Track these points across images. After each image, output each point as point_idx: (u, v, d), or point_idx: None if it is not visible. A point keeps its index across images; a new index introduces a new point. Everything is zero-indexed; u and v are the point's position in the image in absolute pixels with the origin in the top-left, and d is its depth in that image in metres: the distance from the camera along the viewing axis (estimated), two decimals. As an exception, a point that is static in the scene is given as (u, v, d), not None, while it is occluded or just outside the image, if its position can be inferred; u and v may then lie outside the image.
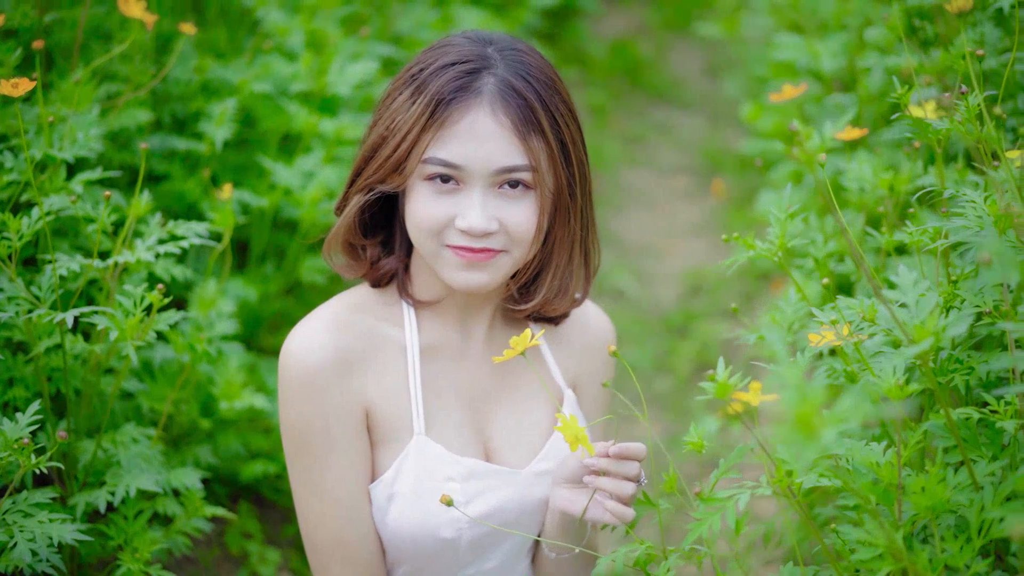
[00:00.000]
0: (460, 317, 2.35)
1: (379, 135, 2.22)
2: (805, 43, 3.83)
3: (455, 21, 4.75)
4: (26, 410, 2.26)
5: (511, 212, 2.17)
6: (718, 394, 1.87)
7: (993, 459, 1.90)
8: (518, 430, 2.38)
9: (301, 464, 2.27)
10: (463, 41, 2.23)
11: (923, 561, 1.75)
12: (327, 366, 2.22)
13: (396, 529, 2.28)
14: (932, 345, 1.68)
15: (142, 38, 3.20)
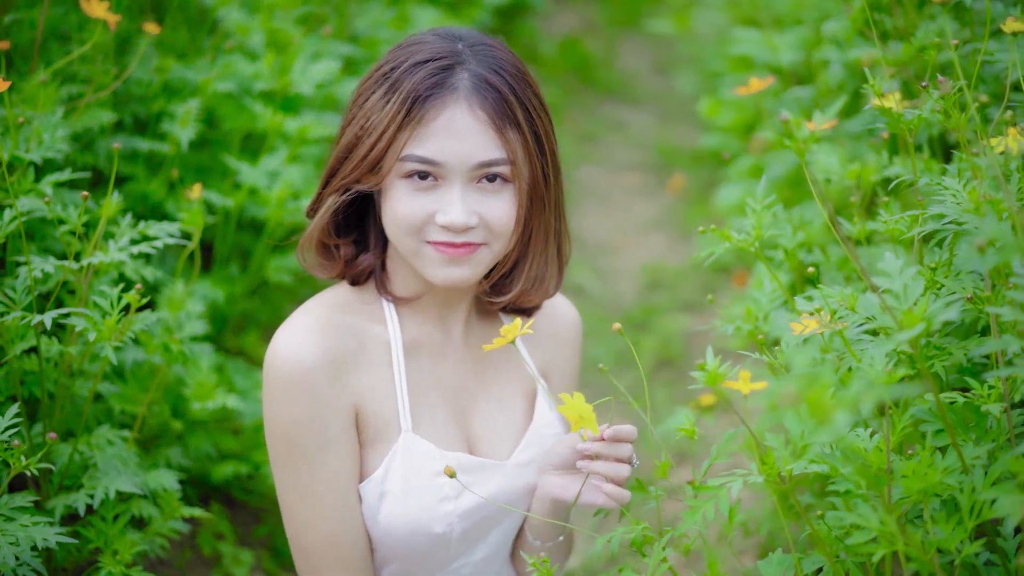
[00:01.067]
0: (439, 313, 2.36)
1: (353, 135, 2.22)
2: (764, 38, 3.86)
3: (411, 20, 4.74)
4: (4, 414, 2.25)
5: (491, 206, 2.18)
6: (708, 382, 1.88)
7: (977, 442, 1.92)
8: (498, 422, 2.40)
9: (291, 467, 2.25)
10: (433, 38, 2.23)
11: (916, 543, 1.77)
12: (319, 367, 2.21)
13: (388, 527, 2.27)
14: (923, 330, 1.70)
15: (104, 39, 3.17)
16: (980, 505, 1.78)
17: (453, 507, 2.28)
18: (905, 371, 1.81)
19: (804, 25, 4.01)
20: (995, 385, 1.93)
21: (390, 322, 2.31)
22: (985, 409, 1.91)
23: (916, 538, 1.78)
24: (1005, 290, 1.91)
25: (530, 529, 2.35)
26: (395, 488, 2.26)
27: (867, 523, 1.78)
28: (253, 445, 3.27)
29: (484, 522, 2.34)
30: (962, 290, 2.05)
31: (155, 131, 3.45)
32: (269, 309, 3.79)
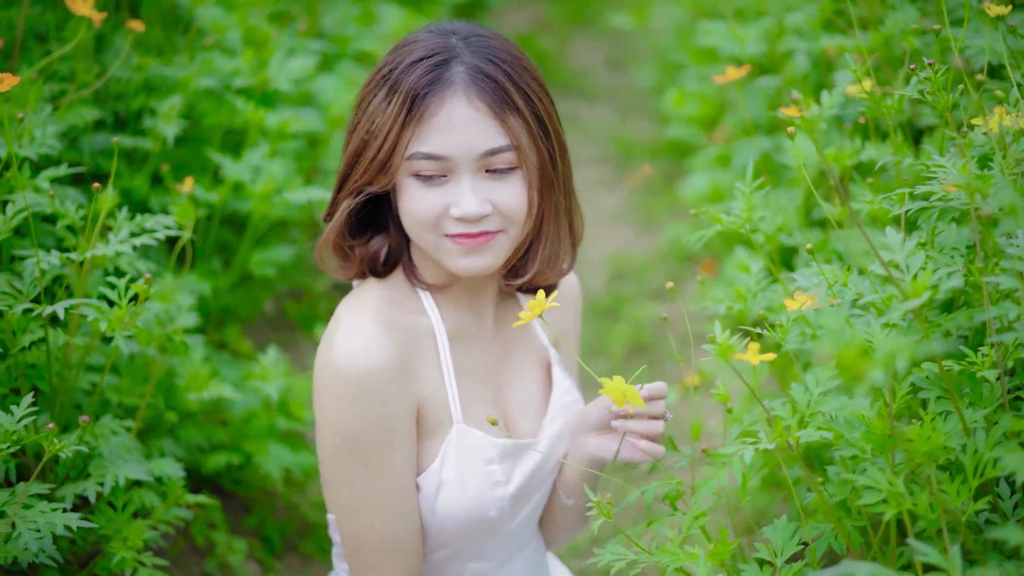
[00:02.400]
0: (470, 299, 2.39)
1: (360, 139, 2.25)
2: (730, 30, 3.95)
3: (376, 17, 4.80)
4: (20, 403, 2.30)
5: (501, 192, 2.22)
6: (719, 355, 1.96)
7: (973, 407, 2.01)
8: (524, 398, 2.45)
9: (354, 467, 2.25)
10: (427, 36, 2.26)
11: (923, 504, 1.86)
12: (388, 368, 2.23)
13: (445, 516, 2.31)
14: (929, 299, 1.79)
15: (87, 37, 3.20)
16: (983, 465, 1.87)
17: (504, 491, 2.34)
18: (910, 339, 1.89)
19: (767, 17, 4.10)
20: (988, 353, 2.02)
21: (431, 312, 2.34)
22: (981, 375, 2.00)
23: (923, 498, 1.86)
24: (1000, 260, 2.00)
25: (564, 490, 2.41)
26: (451, 478, 2.30)
27: (877, 484, 1.86)
28: (243, 436, 3.31)
29: (525, 498, 2.41)
30: (952, 263, 2.13)
31: (135, 128, 3.48)
32: (249, 303, 3.83)
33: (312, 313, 4.29)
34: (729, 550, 2.03)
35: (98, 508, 2.63)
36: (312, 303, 4.34)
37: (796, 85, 3.86)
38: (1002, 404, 2.00)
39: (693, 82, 4.73)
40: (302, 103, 3.95)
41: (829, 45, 3.57)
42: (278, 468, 3.25)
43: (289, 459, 3.28)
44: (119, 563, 2.54)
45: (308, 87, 3.91)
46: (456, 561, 2.41)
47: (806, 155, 3.19)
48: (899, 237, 1.93)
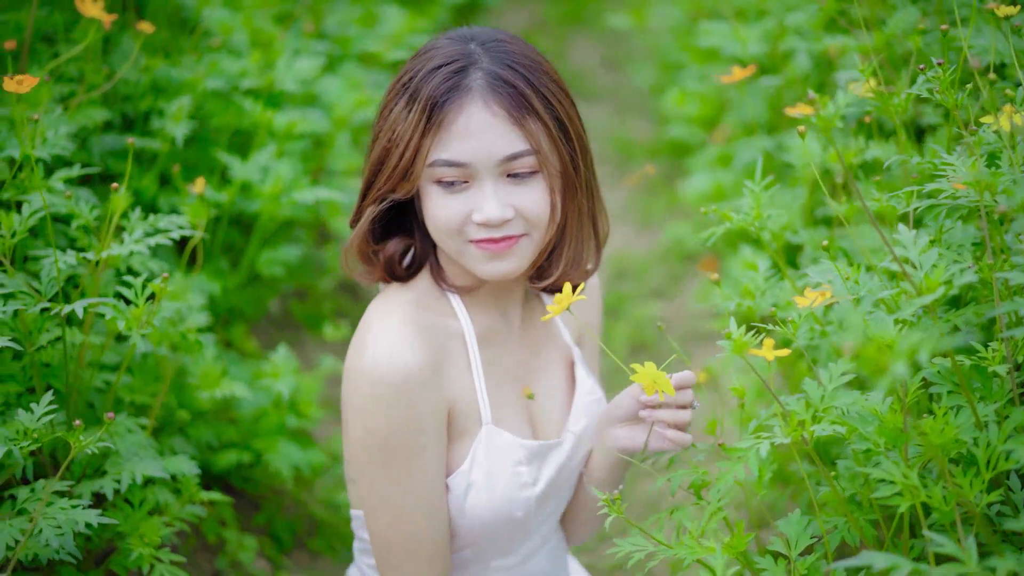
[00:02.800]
0: (497, 301, 2.41)
1: (383, 148, 2.27)
2: (732, 30, 3.98)
3: (377, 18, 4.82)
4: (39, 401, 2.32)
5: (523, 197, 2.23)
6: (734, 351, 1.99)
7: (984, 401, 2.04)
8: (549, 398, 2.47)
9: (386, 469, 2.28)
10: (446, 43, 2.28)
11: (937, 496, 1.89)
12: (422, 372, 2.24)
13: (473, 517, 2.34)
14: (943, 294, 1.82)
15: (97, 38, 3.22)
16: (996, 458, 1.90)
17: (531, 492, 2.36)
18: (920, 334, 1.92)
19: (768, 17, 4.13)
20: (998, 348, 2.05)
21: (461, 314, 2.36)
22: (992, 370, 2.03)
23: (937, 491, 1.89)
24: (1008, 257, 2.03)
25: (593, 483, 2.44)
26: (480, 479, 2.32)
27: (892, 477, 1.89)
28: (252, 434, 3.34)
29: (550, 498, 2.44)
30: (961, 259, 2.16)
31: (143, 129, 3.51)
32: (255, 303, 3.85)
33: (317, 312, 4.32)
34: (745, 543, 2.06)
35: (115, 505, 2.65)
36: (317, 303, 4.37)
37: (797, 85, 3.90)
38: (1012, 399, 2.03)
39: (693, 82, 4.76)
40: (306, 104, 3.98)
41: (831, 45, 3.61)
42: (288, 466, 3.27)
43: (299, 457, 3.31)
44: (137, 559, 2.56)
45: (313, 88, 3.94)
46: (480, 559, 2.44)
47: (811, 154, 3.22)
48: (912, 234, 1.97)
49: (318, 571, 3.51)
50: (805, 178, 3.33)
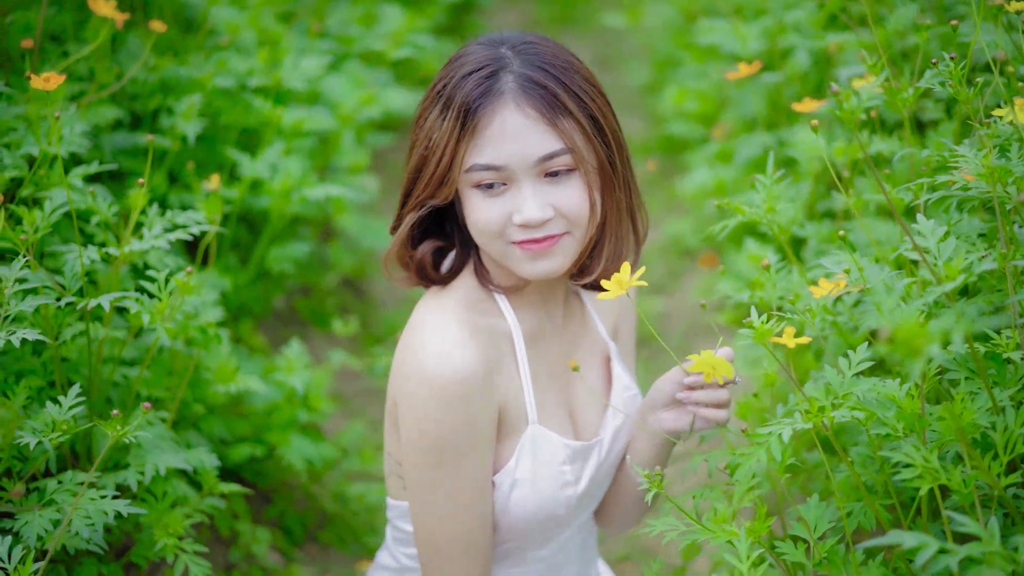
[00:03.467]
0: (541, 300, 2.43)
1: (420, 156, 2.29)
2: (733, 27, 4.03)
3: (377, 17, 4.86)
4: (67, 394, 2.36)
5: (562, 195, 2.25)
6: (756, 338, 2.04)
7: (998, 387, 2.09)
8: (588, 394, 2.50)
9: (439, 469, 2.30)
10: (477, 48, 2.29)
11: (957, 479, 1.94)
12: (480, 374, 2.27)
13: (517, 514, 2.37)
14: (963, 281, 1.87)
15: (107, 38, 3.25)
16: (1014, 441, 1.95)
17: (573, 491, 2.40)
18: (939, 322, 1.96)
19: (767, 15, 4.18)
20: (1012, 335, 2.10)
21: (508, 314, 2.38)
22: (1006, 356, 2.08)
23: (956, 474, 1.94)
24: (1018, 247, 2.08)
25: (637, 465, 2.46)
26: (525, 477, 2.35)
27: (912, 460, 1.94)
28: (264, 428, 3.37)
29: (590, 495, 2.48)
30: (974, 249, 2.21)
31: (152, 127, 3.54)
32: (262, 299, 3.89)
33: (322, 309, 4.36)
34: (767, 527, 2.11)
35: (137, 497, 2.69)
36: (321, 299, 4.41)
37: (797, 81, 3.95)
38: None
39: (691, 79, 4.81)
40: (311, 102, 4.02)
41: (832, 42, 3.66)
42: (301, 459, 3.31)
43: (311, 451, 3.34)
44: (161, 549, 2.60)
45: (317, 86, 3.98)
46: (520, 551, 2.48)
47: (817, 148, 3.28)
48: (931, 223, 2.02)
49: (329, 563, 3.55)
50: (809, 172, 3.38)
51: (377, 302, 4.79)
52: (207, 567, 2.61)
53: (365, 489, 3.71)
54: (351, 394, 4.21)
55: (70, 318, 2.68)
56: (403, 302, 4.83)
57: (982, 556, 1.74)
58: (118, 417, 2.20)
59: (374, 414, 4.18)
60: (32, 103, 3.00)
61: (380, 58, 4.62)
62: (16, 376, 2.67)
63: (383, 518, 3.75)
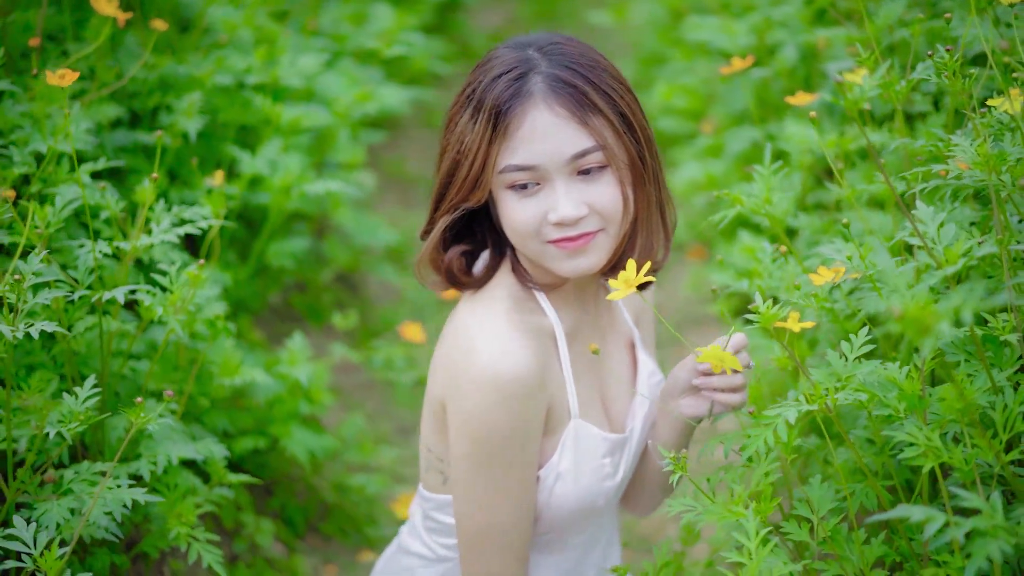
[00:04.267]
0: (578, 296, 2.46)
1: (452, 160, 2.33)
2: (723, 24, 4.10)
3: (367, 16, 4.91)
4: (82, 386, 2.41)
5: (595, 193, 2.28)
6: (763, 323, 2.10)
7: (996, 368, 2.16)
8: (617, 381, 2.55)
9: (491, 466, 2.34)
10: (504, 52, 2.33)
11: (958, 456, 2.00)
12: (532, 373, 2.30)
13: (559, 506, 2.42)
14: (964, 265, 1.94)
15: (108, 36, 3.29)
16: (1013, 420, 2.01)
17: (611, 483, 2.45)
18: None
19: (755, 12, 4.24)
20: (1009, 319, 2.17)
21: (549, 312, 2.41)
22: (1003, 339, 2.14)
23: (957, 452, 2.01)
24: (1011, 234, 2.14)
25: (659, 451, 2.49)
26: (567, 471, 2.40)
27: (915, 439, 2.00)
28: (266, 421, 3.42)
29: (624, 484, 2.54)
30: (970, 235, 2.27)
31: (151, 125, 3.58)
32: (259, 295, 3.94)
33: (317, 304, 4.41)
34: (772, 507, 2.17)
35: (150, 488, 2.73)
36: (316, 295, 4.46)
37: (785, 77, 4.02)
38: (1022, 366, 2.15)
39: (679, 76, 4.87)
40: (306, 99, 4.06)
41: (821, 37, 3.73)
42: (304, 451, 3.36)
43: (314, 442, 3.39)
44: (176, 537, 2.64)
45: (314, 84, 4.02)
46: (560, 539, 2.53)
47: (806, 141, 3.34)
48: (931, 210, 2.08)
49: (331, 553, 3.60)
50: (801, 164, 3.44)
51: (371, 298, 4.85)
52: (219, 554, 2.66)
53: (365, 480, 3.76)
54: (347, 387, 4.26)
55: (80, 312, 2.72)
56: (397, 298, 4.88)
57: (987, 529, 1.81)
58: (140, 405, 2.24)
59: (371, 407, 4.24)
60: (37, 101, 3.04)
61: (372, 56, 4.67)
62: (27, 369, 2.72)
63: (383, 509, 3.80)
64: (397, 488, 3.90)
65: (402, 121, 5.81)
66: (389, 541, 3.58)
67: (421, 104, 5.77)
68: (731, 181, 4.10)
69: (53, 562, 2.15)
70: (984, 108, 2.31)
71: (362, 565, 3.60)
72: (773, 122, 4.08)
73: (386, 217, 5.06)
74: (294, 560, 3.44)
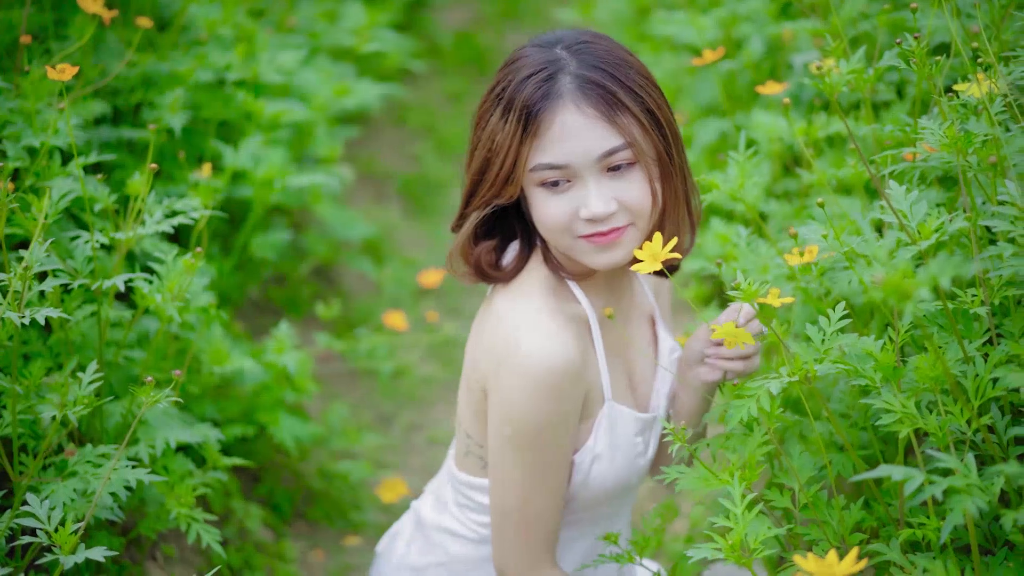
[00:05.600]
0: (609, 282, 2.53)
1: (483, 158, 2.39)
2: (690, 18, 4.20)
3: (339, 14, 4.99)
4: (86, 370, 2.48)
5: (625, 189, 2.35)
6: (745, 298, 2.20)
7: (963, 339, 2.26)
8: (642, 356, 2.62)
9: (529, 452, 2.41)
10: (533, 51, 2.39)
11: (932, 423, 2.11)
12: (574, 364, 2.37)
13: (596, 487, 2.50)
14: (937, 239, 2.04)
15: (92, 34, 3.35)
16: (983, 387, 2.12)
17: (644, 461, 2.55)
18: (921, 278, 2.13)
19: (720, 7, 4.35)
20: (977, 293, 2.27)
21: (582, 300, 2.48)
22: (973, 312, 2.25)
23: (932, 419, 2.11)
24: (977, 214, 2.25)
25: (680, 420, 2.59)
26: (603, 452, 2.48)
27: (892, 407, 2.11)
28: (253, 408, 3.49)
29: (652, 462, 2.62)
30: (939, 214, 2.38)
31: (133, 121, 3.64)
32: (239, 288, 4.01)
33: (295, 297, 4.48)
34: (757, 475, 2.27)
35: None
36: (295, 287, 4.53)
37: (752, 69, 4.12)
38: (990, 338, 2.26)
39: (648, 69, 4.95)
40: (283, 95, 4.13)
41: (787, 29, 3.84)
42: (291, 438, 3.44)
43: (300, 429, 3.47)
44: (176, 518, 2.72)
45: (292, 80, 4.10)
46: (593, 516, 2.61)
47: (774, 130, 3.45)
48: (903, 189, 2.19)
49: (318, 538, 3.68)
50: (770, 153, 3.55)
51: (349, 290, 4.92)
52: (216, 534, 2.73)
53: (350, 467, 3.84)
54: (327, 377, 4.33)
55: (76, 301, 2.79)
56: (374, 291, 4.96)
57: (962, 487, 1.91)
58: (150, 384, 2.31)
59: (352, 396, 4.32)
60: (25, 98, 3.10)
61: (346, 53, 4.75)
62: (24, 358, 2.78)
63: (368, 495, 3.88)
64: (381, 474, 3.99)
65: (374, 117, 5.89)
66: (374, 526, 3.68)
67: (392, 100, 5.85)
68: (699, 171, 4.19)
69: (67, 537, 2.22)
70: (950, 94, 2.41)
71: (348, 549, 3.68)
72: (740, 113, 4.18)
73: (360, 212, 5.14)
74: (282, 544, 3.52)
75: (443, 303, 5.03)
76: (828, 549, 2.24)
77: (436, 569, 2.68)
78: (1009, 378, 2.04)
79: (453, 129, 6.33)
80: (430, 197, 5.79)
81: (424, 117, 6.42)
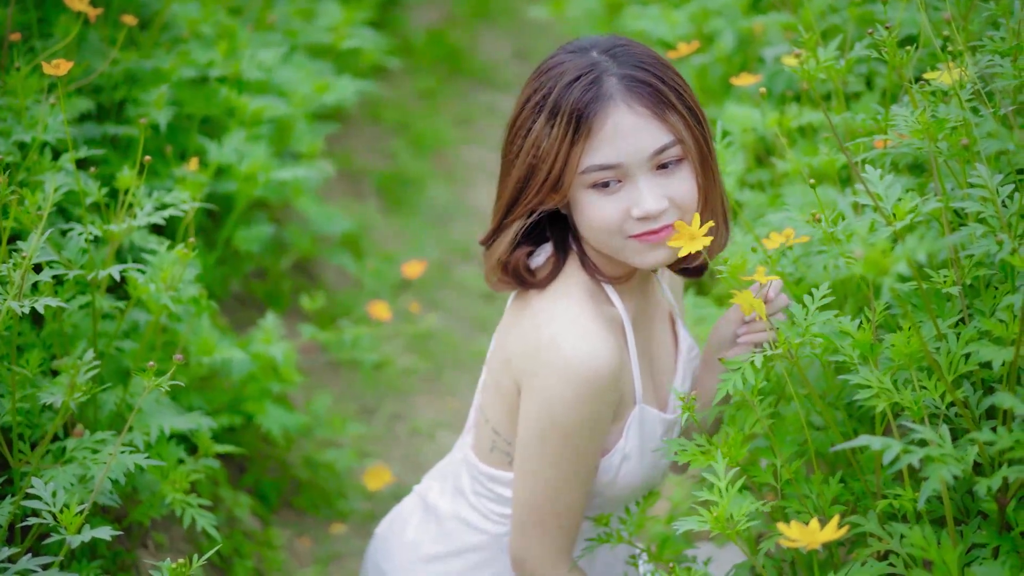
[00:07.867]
0: (641, 286, 2.57)
1: (527, 165, 2.39)
2: (663, 13, 4.29)
3: (316, 11, 5.05)
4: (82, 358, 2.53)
5: (675, 185, 2.38)
6: (731, 274, 2.28)
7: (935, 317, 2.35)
8: (665, 355, 2.67)
9: (561, 450, 2.43)
10: (569, 57, 2.40)
11: (908, 397, 2.19)
12: (614, 368, 2.40)
13: (624, 486, 2.55)
14: (911, 220, 2.13)
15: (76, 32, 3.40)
16: (956, 363, 2.21)
17: (667, 461, 2.58)
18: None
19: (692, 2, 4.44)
20: (950, 273, 2.36)
21: (617, 302, 2.51)
22: (946, 291, 2.34)
23: (907, 393, 2.20)
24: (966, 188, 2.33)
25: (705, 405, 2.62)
26: (633, 452, 2.52)
27: (869, 382, 2.19)
28: (239, 399, 3.55)
29: None
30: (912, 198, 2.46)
31: (118, 117, 3.70)
32: (223, 282, 4.07)
33: (277, 291, 4.54)
34: (743, 452, 2.35)
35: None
36: (276, 281, 4.59)
37: (723, 62, 4.21)
38: (963, 317, 2.34)
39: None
40: (264, 91, 4.19)
41: (757, 23, 3.94)
42: (278, 427, 3.50)
43: (287, 419, 3.53)
44: (171, 503, 2.78)
45: (272, 76, 4.16)
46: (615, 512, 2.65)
47: (748, 121, 3.53)
48: (878, 172, 2.27)
49: (304, 527, 3.74)
50: (744, 144, 3.63)
51: (329, 284, 4.99)
52: (212, 519, 2.79)
53: (335, 456, 3.90)
54: (309, 368, 4.40)
55: (69, 293, 2.84)
56: (354, 284, 5.03)
57: (937, 456, 2.00)
58: (153, 368, 2.37)
59: (335, 388, 4.38)
60: (13, 95, 3.15)
61: (324, 50, 4.81)
62: (18, 349, 2.83)
63: (353, 483, 3.95)
64: (365, 462, 4.05)
65: (350, 114, 5.95)
66: (360, 513, 3.74)
67: (367, 97, 5.91)
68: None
69: (73, 518, 2.28)
70: (920, 82, 2.50)
71: (334, 536, 3.75)
72: (713, 106, 4.26)
73: (338, 207, 5.20)
74: (269, 532, 3.58)
75: (422, 296, 5.10)
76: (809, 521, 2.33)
77: (452, 558, 2.72)
78: (981, 352, 2.12)
79: (427, 126, 6.39)
80: (406, 193, 5.86)
81: (398, 114, 6.49)
